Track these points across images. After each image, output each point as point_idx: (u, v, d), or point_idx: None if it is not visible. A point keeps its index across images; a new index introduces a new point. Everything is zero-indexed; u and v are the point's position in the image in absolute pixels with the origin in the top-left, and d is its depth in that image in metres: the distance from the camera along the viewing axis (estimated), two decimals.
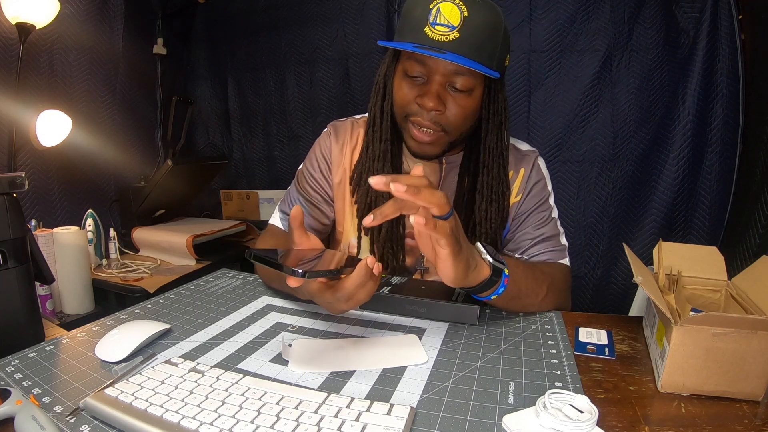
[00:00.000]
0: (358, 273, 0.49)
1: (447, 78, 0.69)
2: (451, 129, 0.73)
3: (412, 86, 0.72)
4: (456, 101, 0.71)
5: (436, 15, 0.65)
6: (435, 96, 0.69)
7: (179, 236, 1.55)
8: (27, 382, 0.48)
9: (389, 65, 0.77)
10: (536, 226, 0.81)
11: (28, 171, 1.47)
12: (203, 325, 0.64)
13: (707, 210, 1.48)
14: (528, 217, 0.82)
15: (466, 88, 0.70)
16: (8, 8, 1.28)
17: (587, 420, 0.39)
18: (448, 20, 0.64)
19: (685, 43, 1.43)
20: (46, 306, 1.15)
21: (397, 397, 0.46)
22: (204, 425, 0.39)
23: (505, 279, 0.61)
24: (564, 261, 0.80)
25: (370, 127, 0.80)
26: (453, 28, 0.64)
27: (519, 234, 0.82)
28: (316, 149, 0.90)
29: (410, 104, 0.72)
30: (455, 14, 0.64)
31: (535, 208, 0.82)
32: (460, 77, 0.69)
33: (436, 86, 0.69)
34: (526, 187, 0.83)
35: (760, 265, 0.55)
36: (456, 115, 0.71)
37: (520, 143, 0.86)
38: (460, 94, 0.70)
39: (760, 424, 0.42)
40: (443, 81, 0.69)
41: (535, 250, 0.80)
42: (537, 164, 0.84)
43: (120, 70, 1.82)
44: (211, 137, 2.23)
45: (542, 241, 0.80)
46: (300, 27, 1.91)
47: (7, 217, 0.56)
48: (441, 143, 0.74)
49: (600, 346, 0.58)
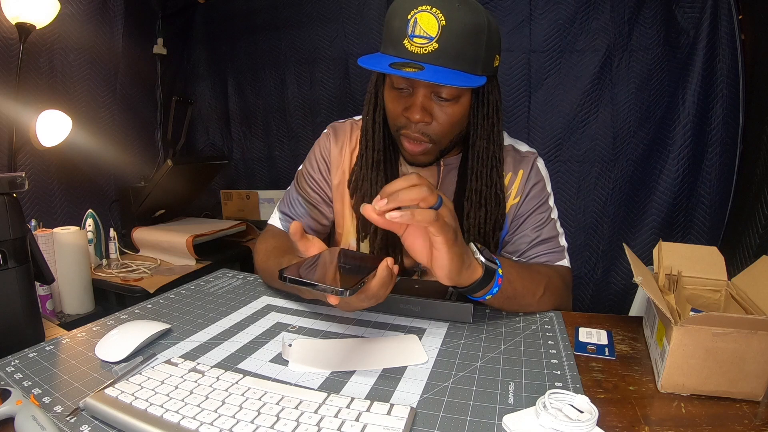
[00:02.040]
0: (382, 274, 0.51)
1: (431, 88, 0.68)
2: (439, 138, 0.72)
3: (399, 98, 0.72)
4: (443, 110, 0.70)
5: (413, 26, 0.63)
6: (420, 108, 0.68)
7: (179, 236, 1.55)
8: (27, 382, 0.48)
9: (378, 76, 0.77)
10: (535, 228, 0.81)
11: (28, 171, 1.47)
12: (203, 325, 0.64)
13: (707, 210, 1.48)
14: (527, 219, 0.82)
15: (451, 96, 0.69)
16: (8, 8, 1.28)
17: (587, 420, 0.39)
18: (426, 31, 0.63)
19: (685, 43, 1.43)
20: (46, 306, 1.15)
21: (397, 397, 0.46)
22: (204, 425, 0.39)
23: (498, 279, 0.61)
24: (563, 262, 0.80)
25: (363, 137, 0.81)
26: (431, 39, 0.63)
27: (517, 236, 0.82)
28: (316, 150, 0.90)
29: (399, 117, 0.72)
30: (433, 24, 0.62)
31: (534, 210, 0.82)
32: (444, 87, 0.68)
33: (421, 98, 0.68)
34: (525, 188, 0.82)
35: (760, 265, 0.55)
36: (443, 125, 0.71)
37: (519, 144, 0.86)
38: (446, 103, 0.69)
39: (760, 424, 0.42)
40: (428, 92, 0.69)
41: (533, 252, 0.80)
42: (536, 165, 0.83)
43: (120, 70, 1.82)
44: (211, 137, 2.23)
45: (540, 243, 0.80)
46: (300, 27, 1.91)
47: (7, 217, 0.56)
48: (431, 153, 0.74)
49: (600, 346, 0.58)
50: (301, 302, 0.73)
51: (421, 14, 0.63)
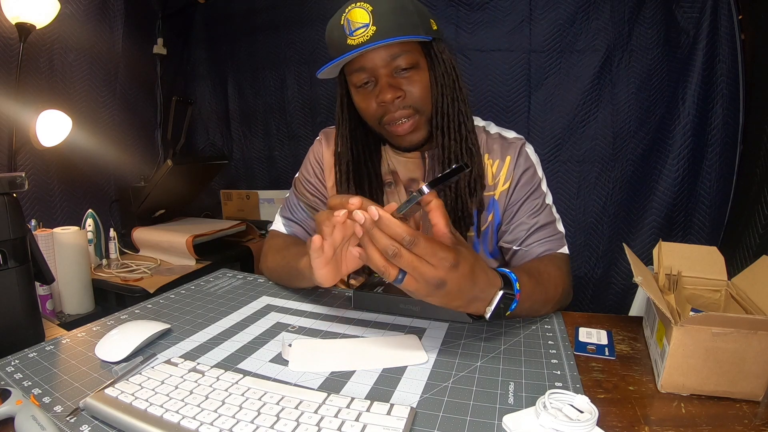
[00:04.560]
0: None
1: (390, 67, 0.72)
2: (419, 106, 0.74)
3: (367, 93, 0.75)
4: (409, 80, 0.73)
5: (349, 24, 0.69)
6: (388, 87, 0.72)
7: (179, 236, 1.55)
8: (27, 382, 0.48)
9: (341, 95, 0.81)
10: (531, 214, 0.80)
11: (28, 171, 1.47)
12: (203, 325, 0.64)
13: (707, 210, 1.48)
14: (521, 206, 0.81)
15: (410, 64, 0.72)
16: (8, 8, 1.28)
17: (587, 420, 0.39)
18: (360, 21, 0.68)
19: (685, 43, 1.43)
20: (46, 306, 1.15)
21: (397, 397, 0.46)
22: (204, 425, 0.39)
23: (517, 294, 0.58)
24: (563, 249, 0.79)
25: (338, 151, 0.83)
26: (367, 25, 0.68)
27: (514, 224, 0.81)
28: (310, 156, 0.93)
29: (376, 109, 0.75)
30: (363, 14, 0.68)
31: (527, 196, 0.81)
32: (399, 59, 0.71)
33: (385, 78, 0.72)
34: (515, 175, 0.81)
35: (760, 265, 0.55)
36: (417, 91, 0.74)
37: (506, 132, 0.86)
38: (409, 72, 0.73)
39: (760, 424, 0.42)
40: (388, 71, 0.72)
41: (533, 239, 0.79)
42: (524, 151, 0.83)
43: (120, 70, 1.82)
44: (211, 137, 2.23)
45: (539, 230, 0.79)
46: (300, 27, 1.91)
47: (7, 217, 0.56)
48: (420, 126, 0.76)
49: (600, 346, 0.58)
50: (301, 302, 0.73)
51: (352, 11, 0.69)
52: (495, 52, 1.64)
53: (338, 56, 0.70)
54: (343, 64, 0.74)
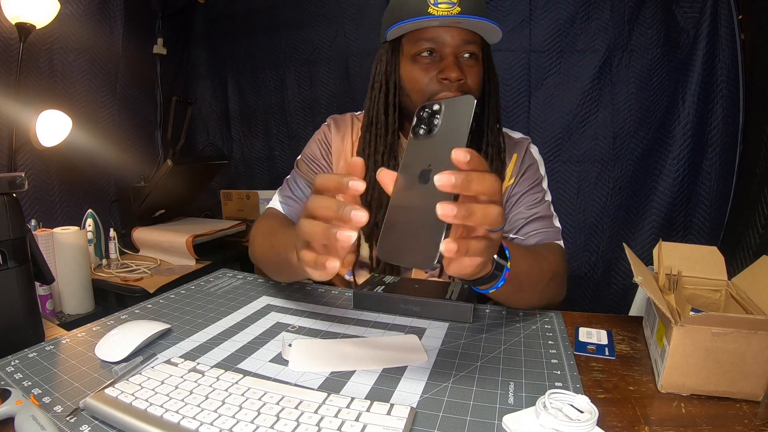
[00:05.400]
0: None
1: (458, 49, 0.73)
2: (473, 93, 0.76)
3: (428, 66, 0.75)
4: (470, 69, 0.75)
5: None
6: (456, 66, 0.72)
7: (179, 236, 1.55)
8: (27, 382, 0.48)
9: (389, 61, 0.79)
10: (530, 206, 0.82)
11: (28, 171, 1.47)
12: (203, 325, 0.64)
13: (707, 210, 1.48)
14: (521, 198, 0.83)
15: (475, 53, 0.74)
16: (8, 8, 1.28)
17: (587, 420, 0.39)
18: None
19: (685, 43, 1.43)
20: (46, 306, 1.15)
21: (397, 397, 0.46)
22: (204, 425, 0.39)
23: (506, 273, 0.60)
24: (559, 242, 0.80)
25: (372, 126, 0.81)
26: (454, 4, 0.69)
27: (513, 214, 0.83)
28: (316, 137, 0.91)
29: (430, 83, 0.74)
30: None
31: (528, 189, 0.83)
32: (471, 45, 0.73)
33: (452, 58, 0.73)
34: (520, 170, 0.85)
35: (760, 265, 0.55)
36: (475, 82, 0.75)
37: (512, 132, 0.89)
38: (471, 61, 0.75)
39: (760, 424, 0.42)
40: (456, 52, 0.73)
41: (530, 229, 0.80)
42: (529, 150, 0.87)
43: (120, 70, 1.82)
44: (211, 137, 2.23)
45: (536, 221, 0.80)
46: (300, 27, 1.91)
47: (7, 217, 0.56)
48: None
49: (600, 346, 0.58)
50: (301, 302, 0.73)
51: None
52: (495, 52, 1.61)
53: (413, 18, 0.71)
54: (409, 30, 0.74)
